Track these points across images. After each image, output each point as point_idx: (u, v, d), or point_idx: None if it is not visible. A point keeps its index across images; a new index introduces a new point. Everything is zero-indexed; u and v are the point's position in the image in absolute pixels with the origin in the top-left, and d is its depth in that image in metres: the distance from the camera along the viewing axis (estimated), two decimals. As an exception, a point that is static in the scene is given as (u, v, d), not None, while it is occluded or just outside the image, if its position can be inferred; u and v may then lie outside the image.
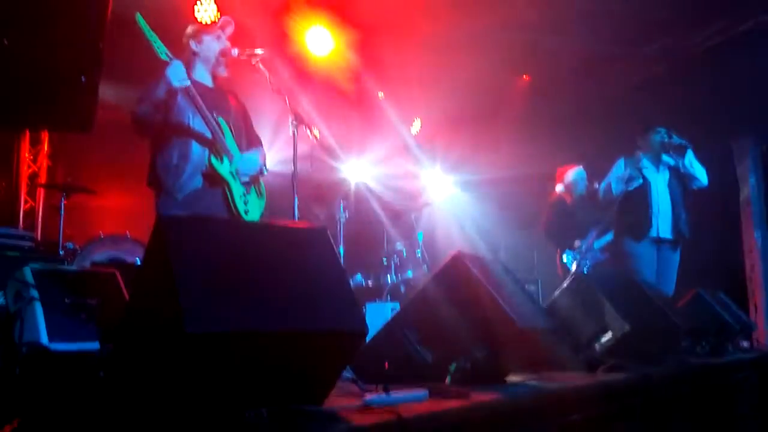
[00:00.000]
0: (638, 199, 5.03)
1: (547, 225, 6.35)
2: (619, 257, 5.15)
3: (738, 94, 5.85)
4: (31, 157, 6.99)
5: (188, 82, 2.99)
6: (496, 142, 7.88)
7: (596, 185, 5.80)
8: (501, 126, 7.88)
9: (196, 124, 3.12)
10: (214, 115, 3.16)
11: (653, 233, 5.00)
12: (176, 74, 2.94)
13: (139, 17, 2.95)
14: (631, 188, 5.02)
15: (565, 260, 6.14)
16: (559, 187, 6.43)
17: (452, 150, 8.10)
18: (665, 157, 5.18)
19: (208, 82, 3.33)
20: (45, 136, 6.97)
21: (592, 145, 6.68)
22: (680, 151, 5.00)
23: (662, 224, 5.02)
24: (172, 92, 2.98)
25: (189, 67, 3.25)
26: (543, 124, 7.44)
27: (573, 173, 6.35)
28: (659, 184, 5.11)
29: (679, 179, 5.17)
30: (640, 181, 5.05)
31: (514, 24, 6.07)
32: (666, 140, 5.05)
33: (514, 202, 7.37)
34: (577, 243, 6.15)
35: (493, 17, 6.06)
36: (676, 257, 5.11)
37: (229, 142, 3.21)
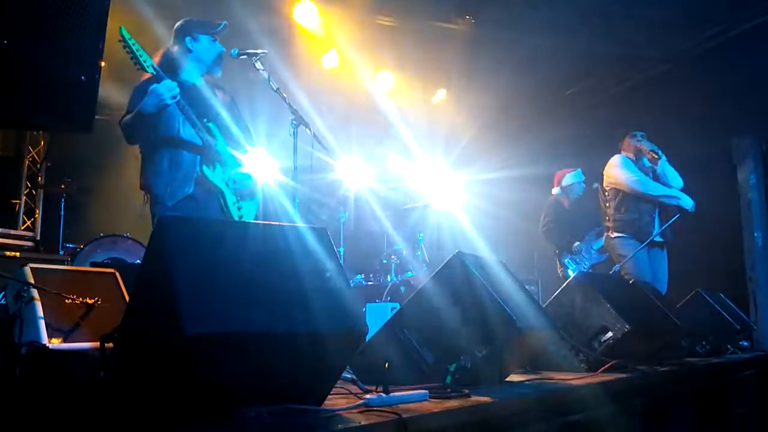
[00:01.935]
0: (643, 202, 5.11)
1: (546, 227, 6.38)
2: (615, 258, 5.18)
3: (738, 94, 5.84)
4: (31, 157, 6.99)
5: (179, 97, 2.93)
6: (498, 142, 7.89)
7: (595, 186, 5.84)
8: (501, 126, 7.89)
9: (186, 131, 3.08)
10: (204, 121, 3.13)
11: (654, 236, 5.06)
12: (168, 91, 2.88)
13: (122, 30, 2.85)
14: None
15: (565, 262, 6.17)
16: (556, 190, 6.47)
17: (453, 150, 8.10)
18: (644, 161, 5.26)
19: (196, 80, 3.25)
20: (45, 136, 6.97)
21: (592, 145, 6.68)
22: (653, 159, 5.15)
23: (656, 228, 5.11)
24: (163, 108, 2.94)
25: (179, 64, 3.19)
26: (542, 125, 7.44)
27: (569, 176, 6.38)
28: None
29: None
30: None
31: (514, 25, 6.08)
32: (641, 144, 5.17)
33: (515, 203, 7.36)
34: (576, 245, 6.17)
35: (493, 17, 6.07)
36: (665, 256, 5.16)
37: (221, 147, 3.17)
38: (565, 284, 3.16)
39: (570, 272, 6.05)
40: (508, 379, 2.47)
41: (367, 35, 6.22)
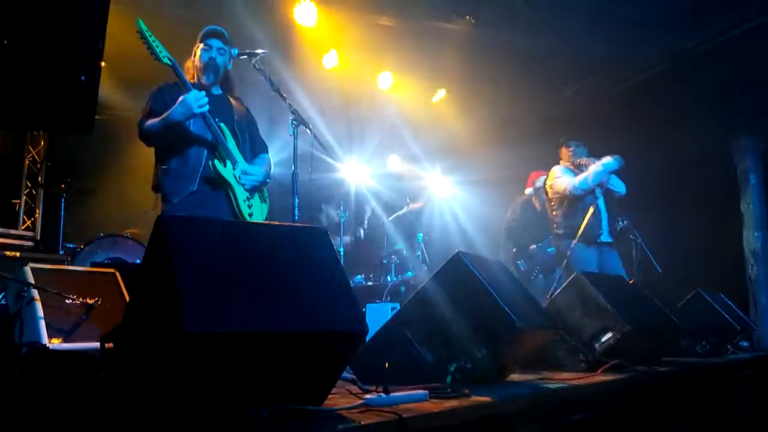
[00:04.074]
0: (590, 205, 5.13)
1: (510, 225, 6.38)
2: (562, 259, 5.17)
3: (738, 94, 5.85)
4: (31, 157, 7.00)
5: (206, 107, 3.02)
6: (497, 142, 7.89)
7: (530, 192, 5.88)
8: (501, 126, 7.89)
9: (197, 127, 3.13)
10: (216, 120, 3.17)
11: (602, 238, 5.07)
12: (196, 101, 2.98)
13: (140, 22, 2.94)
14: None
15: (518, 263, 6.17)
16: (529, 191, 6.45)
17: (453, 150, 8.11)
18: (582, 170, 5.28)
19: (214, 88, 3.33)
20: (45, 136, 6.97)
21: (592, 146, 6.68)
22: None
23: (604, 229, 5.13)
24: (191, 117, 3.02)
25: (194, 73, 3.31)
26: (543, 125, 7.45)
27: (544, 179, 6.37)
28: (598, 191, 5.20)
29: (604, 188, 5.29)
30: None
31: (513, 24, 6.07)
32: (577, 156, 5.20)
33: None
34: (532, 247, 6.15)
35: (492, 17, 6.06)
36: (617, 256, 5.17)
37: (232, 146, 3.20)
38: (565, 284, 3.16)
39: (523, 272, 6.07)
40: (508, 379, 2.47)
41: (367, 35, 6.22)
